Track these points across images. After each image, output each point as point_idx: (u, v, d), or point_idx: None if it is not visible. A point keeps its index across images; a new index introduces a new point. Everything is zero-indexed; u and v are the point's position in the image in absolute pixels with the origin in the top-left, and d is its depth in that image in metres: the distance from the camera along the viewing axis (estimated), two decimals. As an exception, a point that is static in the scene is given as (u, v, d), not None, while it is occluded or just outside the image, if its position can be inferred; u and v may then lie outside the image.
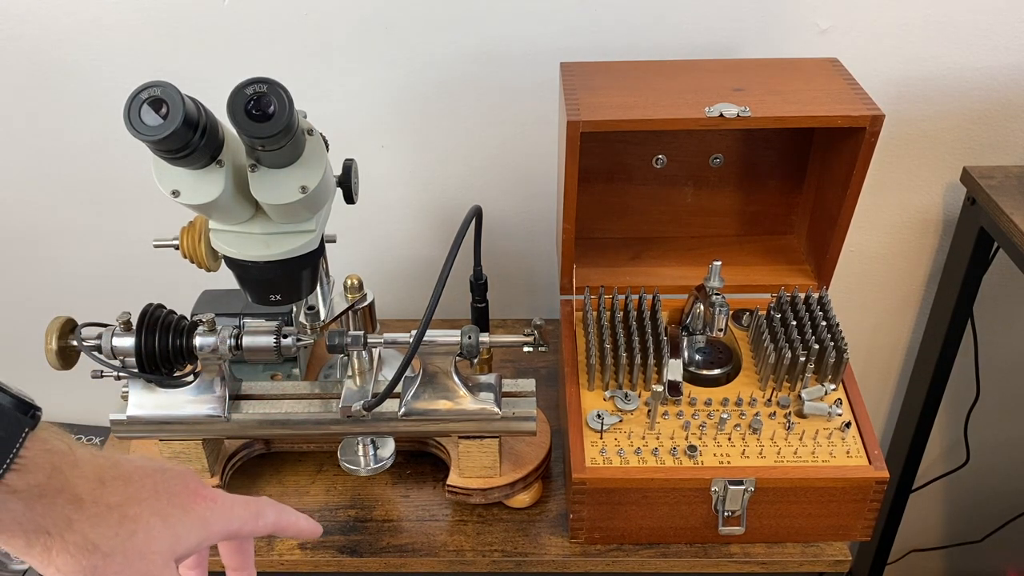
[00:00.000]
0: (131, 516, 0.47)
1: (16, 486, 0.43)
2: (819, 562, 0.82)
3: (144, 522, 0.48)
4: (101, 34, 1.00)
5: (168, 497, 0.50)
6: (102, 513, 0.46)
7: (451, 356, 0.80)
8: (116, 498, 0.47)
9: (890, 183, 1.12)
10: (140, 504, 0.48)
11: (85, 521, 0.46)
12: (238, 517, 0.53)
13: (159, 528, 0.48)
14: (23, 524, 0.44)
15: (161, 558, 0.48)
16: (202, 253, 0.78)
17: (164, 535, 0.48)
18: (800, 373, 0.84)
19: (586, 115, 0.82)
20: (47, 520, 0.45)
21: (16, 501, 0.44)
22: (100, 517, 0.46)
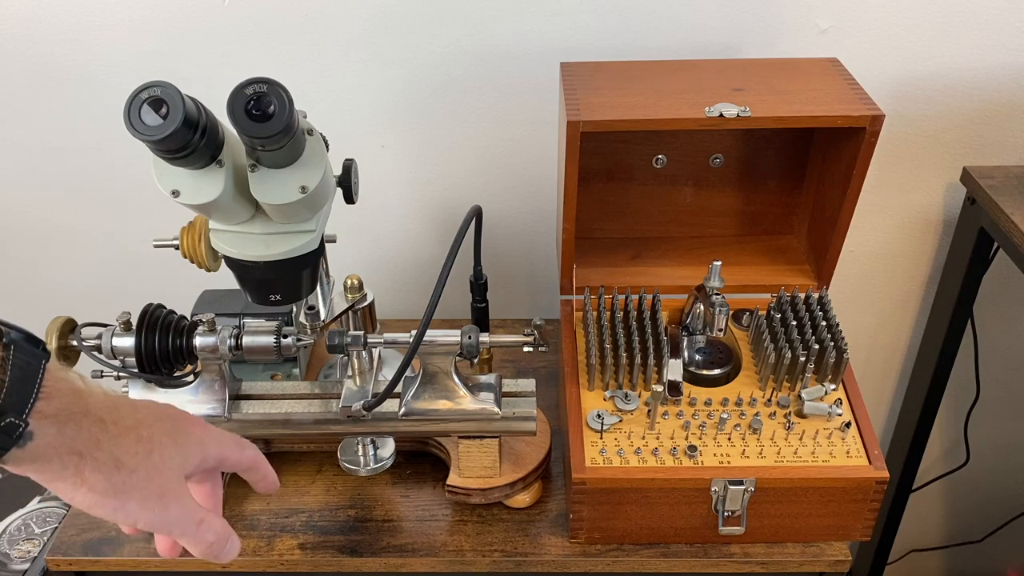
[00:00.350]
0: (145, 437, 0.52)
1: (46, 412, 0.47)
2: (819, 562, 0.82)
3: (157, 442, 0.53)
4: (101, 34, 1.00)
5: (171, 422, 0.55)
6: (122, 433, 0.51)
7: (451, 356, 0.80)
8: (130, 421, 0.52)
9: (890, 183, 1.12)
10: (150, 427, 0.53)
11: (110, 440, 0.50)
12: (227, 443, 0.59)
13: (170, 447, 0.53)
14: (57, 447, 0.48)
15: (174, 474, 0.54)
16: (202, 253, 0.78)
17: (175, 453, 0.54)
18: (800, 373, 0.84)
19: (586, 115, 0.81)
20: (78, 441, 0.48)
21: (49, 426, 0.47)
22: (121, 437, 0.51)
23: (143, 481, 0.51)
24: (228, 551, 0.57)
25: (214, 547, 0.56)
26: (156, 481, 0.52)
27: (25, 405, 0.46)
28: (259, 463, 0.62)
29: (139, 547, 0.85)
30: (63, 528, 0.87)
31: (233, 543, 0.57)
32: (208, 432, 0.58)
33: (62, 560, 0.84)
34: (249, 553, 0.84)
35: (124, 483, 0.50)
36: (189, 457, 0.55)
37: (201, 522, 0.55)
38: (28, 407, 0.46)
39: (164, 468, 0.53)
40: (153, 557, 0.84)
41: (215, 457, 0.58)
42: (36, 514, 1.10)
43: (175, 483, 0.54)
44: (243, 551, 0.84)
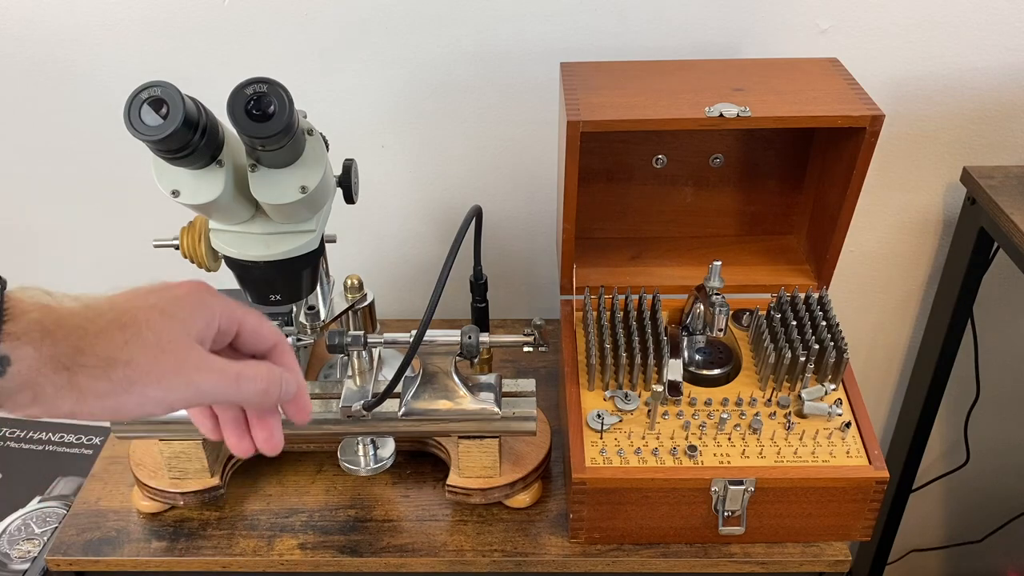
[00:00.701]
0: (128, 322, 0.47)
1: (16, 332, 0.43)
2: (819, 562, 0.82)
3: (143, 320, 0.47)
4: (101, 34, 1.00)
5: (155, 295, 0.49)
6: (102, 330, 0.46)
7: (451, 356, 0.80)
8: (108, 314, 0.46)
9: (890, 183, 1.12)
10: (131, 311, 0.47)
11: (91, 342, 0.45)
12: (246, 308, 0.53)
13: (158, 320, 0.47)
14: (40, 367, 0.44)
15: (181, 343, 0.48)
16: (202, 253, 0.78)
17: (169, 324, 0.48)
18: (800, 373, 0.84)
19: (586, 115, 0.82)
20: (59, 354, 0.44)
21: (24, 346, 0.43)
22: (102, 334, 0.46)
23: (148, 365, 0.46)
24: (287, 390, 0.52)
25: (270, 392, 0.51)
26: (161, 360, 0.47)
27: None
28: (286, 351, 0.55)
29: (139, 547, 0.85)
30: (63, 528, 0.87)
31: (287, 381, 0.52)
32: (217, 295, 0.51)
33: (62, 560, 0.84)
34: (249, 553, 0.84)
35: (127, 377, 0.46)
36: (189, 320, 0.49)
37: (239, 376, 0.50)
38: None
39: (164, 342, 0.47)
40: (153, 557, 0.84)
41: (226, 317, 0.52)
42: (36, 514, 1.10)
43: (186, 351, 0.48)
44: (243, 551, 0.84)
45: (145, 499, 0.87)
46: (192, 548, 0.84)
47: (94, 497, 0.90)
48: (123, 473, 0.92)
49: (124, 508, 0.89)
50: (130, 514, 0.88)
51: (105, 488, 0.91)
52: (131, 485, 0.89)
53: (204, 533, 0.86)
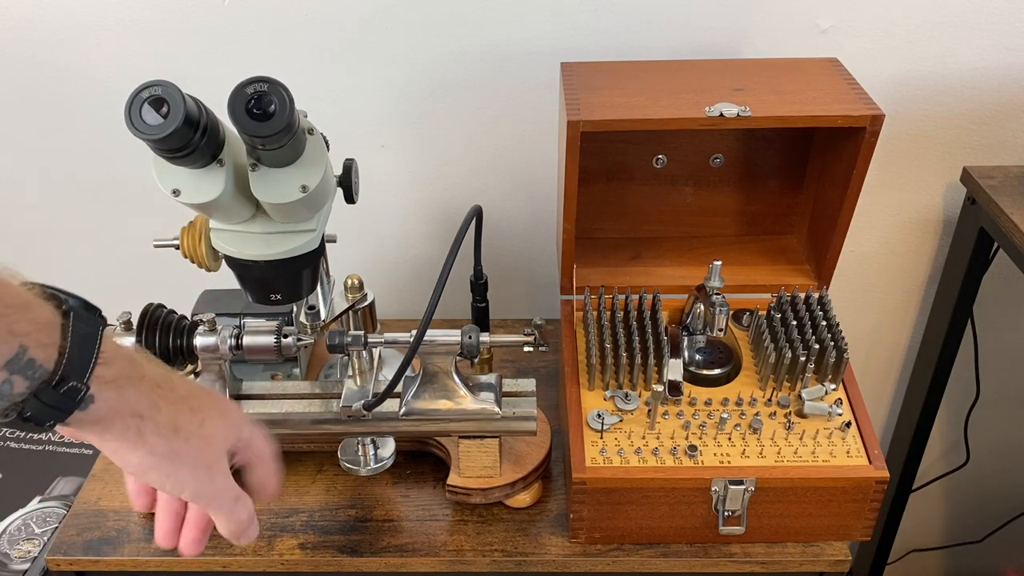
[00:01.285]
0: (197, 407, 0.55)
1: (106, 376, 0.48)
2: (819, 562, 0.82)
3: (208, 414, 0.55)
4: (101, 34, 1.00)
5: (216, 399, 0.58)
6: (178, 401, 0.53)
7: (451, 356, 0.80)
8: (182, 391, 0.54)
9: (890, 183, 1.12)
10: (200, 399, 0.55)
11: (168, 405, 0.52)
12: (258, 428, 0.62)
13: (218, 421, 0.56)
14: (119, 410, 0.50)
15: (221, 447, 0.56)
16: (202, 253, 0.78)
17: (221, 427, 0.56)
18: (800, 373, 0.84)
19: (586, 115, 0.82)
20: (138, 404, 0.51)
21: (109, 390, 0.49)
22: (177, 404, 0.53)
23: (196, 449, 0.54)
24: (251, 533, 0.60)
25: (244, 525, 0.59)
26: (207, 452, 0.55)
27: (86, 370, 0.47)
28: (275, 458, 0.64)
29: (139, 547, 0.85)
30: (63, 528, 0.87)
31: (255, 526, 0.60)
32: (244, 414, 0.61)
33: (62, 560, 0.84)
34: (249, 553, 0.84)
35: (180, 449, 0.53)
36: (231, 433, 0.58)
37: (238, 498, 0.58)
38: (88, 372, 0.47)
39: (213, 440, 0.55)
40: (153, 557, 0.84)
41: (247, 439, 0.61)
42: (36, 514, 1.10)
43: (221, 456, 0.56)
44: (243, 551, 0.84)
45: (145, 499, 0.87)
46: (192, 548, 0.84)
47: (94, 497, 0.90)
48: (123, 473, 0.92)
49: (124, 508, 0.88)
50: (130, 514, 0.88)
51: (105, 488, 0.91)
52: (131, 485, 0.89)
53: (204, 533, 0.86)
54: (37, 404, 0.46)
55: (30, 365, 0.45)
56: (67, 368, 0.46)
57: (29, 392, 0.46)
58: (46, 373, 0.46)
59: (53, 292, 0.50)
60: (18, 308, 0.46)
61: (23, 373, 0.45)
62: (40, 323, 0.46)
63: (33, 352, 0.45)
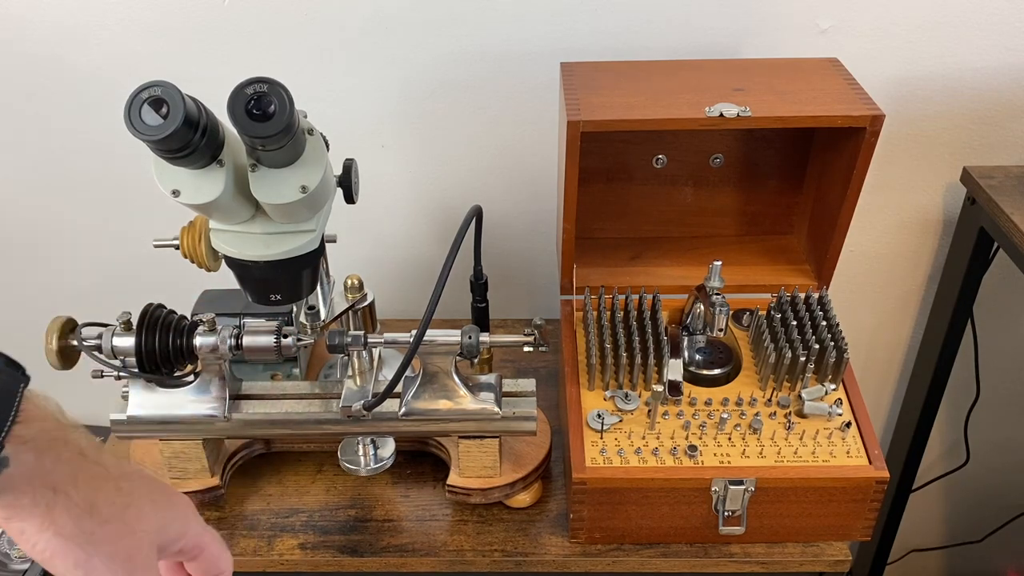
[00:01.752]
0: (126, 490, 0.48)
1: (24, 436, 0.43)
2: (819, 562, 0.82)
3: (137, 498, 0.48)
4: (101, 34, 1.00)
5: (155, 487, 0.51)
6: (102, 477, 0.47)
7: (451, 356, 0.80)
8: (113, 469, 0.48)
9: (890, 183, 1.12)
10: (132, 482, 0.49)
11: (87, 480, 0.46)
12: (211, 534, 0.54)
13: (149, 510, 0.49)
14: (32, 480, 0.44)
15: (147, 539, 0.49)
16: (202, 253, 0.78)
17: (153, 517, 0.49)
18: (800, 373, 0.84)
19: (586, 115, 0.82)
20: (55, 473, 0.45)
21: (27, 452, 0.43)
22: (100, 480, 0.47)
23: (114, 535, 0.47)
24: None
25: None
26: (127, 540, 0.47)
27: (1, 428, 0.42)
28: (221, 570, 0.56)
29: (139, 547, 0.84)
30: (63, 528, 0.87)
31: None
32: (194, 514, 0.53)
33: (62, 560, 0.84)
34: (249, 553, 0.84)
35: (94, 533, 0.46)
36: (167, 527, 0.50)
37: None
38: (5, 430, 0.42)
39: (138, 529, 0.48)
40: (153, 557, 0.84)
41: (194, 539, 0.53)
42: (36, 514, 1.10)
43: (146, 550, 0.49)
44: (243, 551, 0.84)
45: (145, 499, 0.87)
46: (192, 548, 0.84)
47: (94, 497, 0.90)
48: (123, 473, 0.92)
49: (124, 508, 0.88)
50: (130, 514, 0.88)
51: (105, 488, 0.91)
52: (131, 485, 0.89)
53: (204, 533, 0.86)
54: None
55: None
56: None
57: None
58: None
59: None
60: None
61: None
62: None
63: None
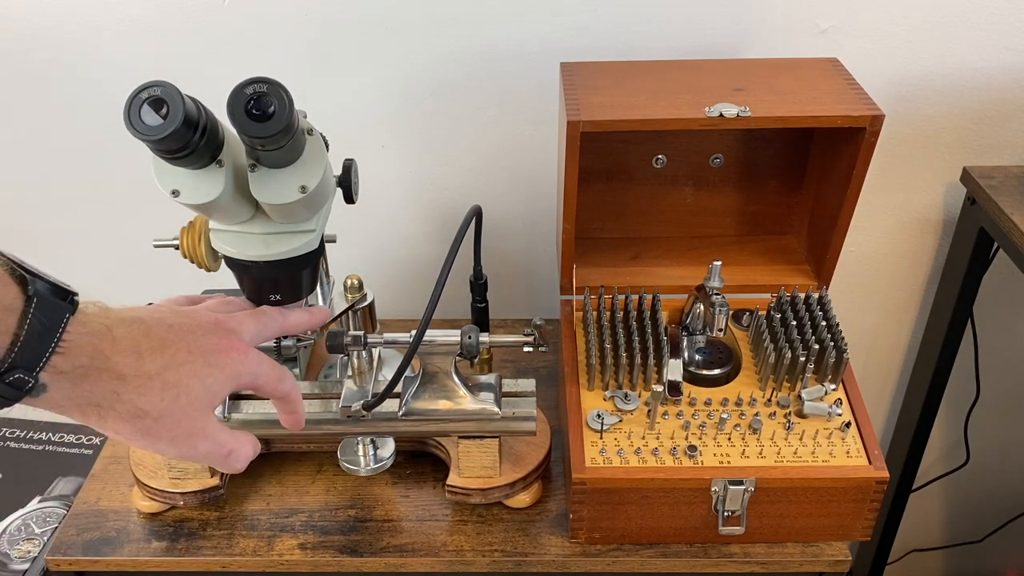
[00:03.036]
0: (171, 382, 0.52)
1: (62, 367, 0.47)
2: (819, 562, 0.82)
3: (184, 385, 0.53)
4: (101, 34, 1.00)
5: (203, 357, 0.55)
6: (144, 383, 0.51)
7: (451, 356, 0.80)
8: (155, 367, 0.51)
9: (890, 183, 1.12)
10: (178, 369, 0.53)
11: (131, 392, 0.50)
12: (264, 373, 0.59)
13: (197, 388, 0.53)
14: (74, 399, 0.48)
15: (202, 413, 0.54)
16: (202, 253, 0.78)
17: (202, 394, 0.54)
18: (800, 373, 0.84)
19: (586, 115, 0.81)
20: (96, 395, 0.49)
21: (64, 381, 0.47)
22: (144, 387, 0.51)
23: (170, 425, 0.52)
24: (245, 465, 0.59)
25: (239, 470, 0.59)
26: (183, 424, 0.53)
27: (38, 361, 0.46)
28: (292, 397, 0.63)
29: (139, 547, 0.85)
30: (63, 528, 0.87)
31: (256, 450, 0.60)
32: (246, 361, 0.58)
33: (62, 560, 0.84)
34: (249, 553, 0.84)
35: (150, 428, 0.52)
36: (218, 392, 0.55)
37: (229, 454, 0.57)
38: (41, 363, 0.46)
39: (191, 409, 0.53)
40: (153, 557, 0.84)
41: (248, 385, 0.59)
42: (36, 514, 1.10)
43: (202, 421, 0.54)
44: (243, 551, 0.84)
45: (145, 499, 0.87)
46: (192, 548, 0.84)
47: (94, 497, 0.90)
48: (123, 473, 0.92)
49: (124, 508, 0.89)
50: (130, 514, 0.88)
51: (105, 488, 0.91)
52: (131, 485, 0.89)
53: (204, 533, 0.86)
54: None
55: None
56: (17, 357, 0.45)
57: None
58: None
59: (22, 274, 0.47)
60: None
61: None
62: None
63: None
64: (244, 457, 0.59)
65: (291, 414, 0.65)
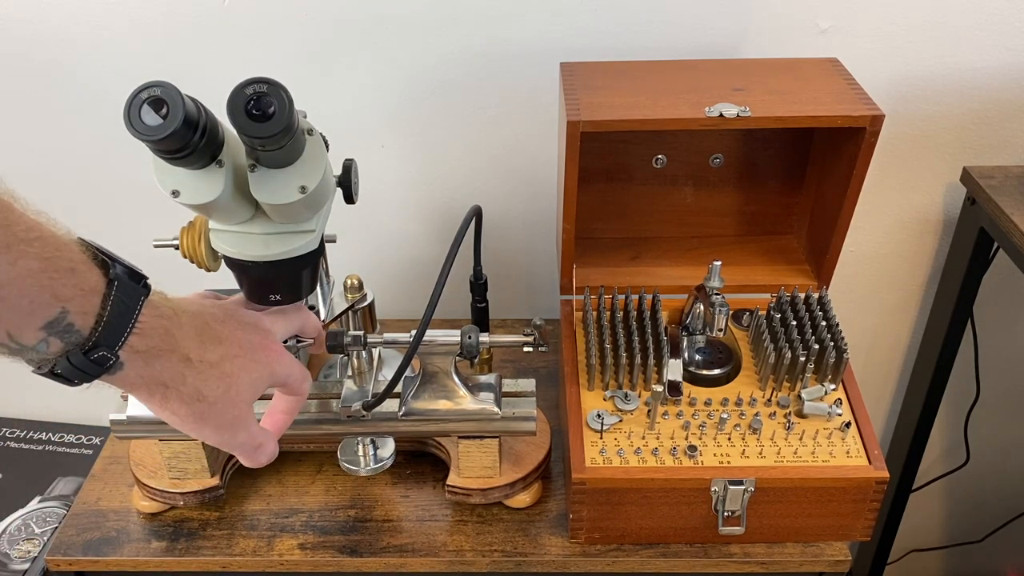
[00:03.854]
0: (227, 373, 0.58)
1: (138, 347, 0.51)
2: (819, 562, 0.82)
3: (236, 377, 0.58)
4: (101, 34, 1.00)
5: (250, 353, 0.60)
6: (206, 370, 0.56)
7: (451, 356, 0.80)
8: (215, 357, 0.57)
9: (890, 183, 1.12)
10: (232, 361, 0.58)
11: (195, 375, 0.55)
12: (294, 373, 0.65)
13: (245, 381, 0.59)
14: (145, 378, 0.53)
15: (246, 404, 0.60)
16: (202, 253, 0.78)
17: (248, 387, 0.60)
18: (800, 373, 0.84)
19: (586, 115, 0.82)
20: (164, 374, 0.54)
21: (138, 359, 0.51)
22: (205, 373, 0.56)
23: (220, 411, 0.58)
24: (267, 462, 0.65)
25: (262, 464, 0.65)
26: (231, 412, 0.58)
27: (119, 340, 0.49)
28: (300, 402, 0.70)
29: (139, 547, 0.85)
30: (63, 528, 0.87)
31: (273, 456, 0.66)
32: (281, 362, 0.64)
33: (62, 560, 0.84)
34: (249, 553, 0.84)
35: (204, 412, 0.57)
36: (259, 388, 0.61)
37: (259, 447, 0.63)
38: (121, 341, 0.49)
39: (238, 401, 0.59)
40: (153, 557, 0.84)
41: (278, 383, 0.65)
42: (36, 514, 1.10)
43: (245, 412, 0.60)
44: (243, 551, 0.84)
45: (145, 499, 0.87)
46: (192, 548, 0.84)
47: (94, 497, 0.90)
48: (123, 473, 0.92)
49: (124, 508, 0.89)
50: (130, 514, 0.88)
51: (105, 488, 0.91)
52: (131, 485, 0.89)
53: (204, 533, 0.86)
54: (67, 365, 0.49)
55: (68, 329, 0.47)
56: (101, 336, 0.48)
57: (63, 353, 0.48)
58: (81, 338, 0.48)
59: (104, 258, 0.51)
60: (66, 272, 0.47)
61: (60, 336, 0.47)
62: (84, 289, 0.48)
63: (72, 317, 0.47)
64: (270, 453, 0.64)
65: (287, 414, 0.70)
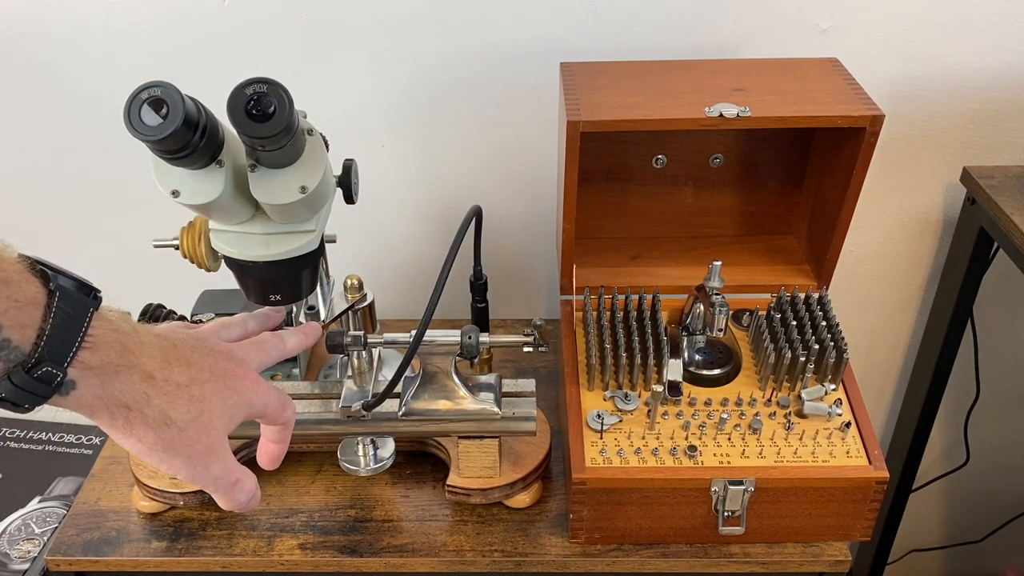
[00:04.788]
0: (196, 396, 0.53)
1: (90, 363, 0.46)
2: (819, 562, 0.82)
3: (208, 402, 0.53)
4: (101, 34, 1.00)
5: (224, 380, 0.55)
6: (173, 391, 0.51)
7: (451, 356, 0.80)
8: (182, 378, 0.52)
9: (890, 183, 1.12)
10: (203, 385, 0.53)
11: (160, 396, 0.50)
12: (271, 403, 0.60)
13: (219, 408, 0.54)
14: (104, 399, 0.48)
15: (220, 433, 0.55)
16: (202, 253, 0.78)
17: (222, 414, 0.54)
18: (800, 373, 0.84)
19: (586, 115, 0.82)
20: (126, 395, 0.49)
21: (93, 377, 0.47)
22: (172, 394, 0.51)
23: (191, 440, 0.52)
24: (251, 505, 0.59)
25: (243, 505, 0.59)
26: (203, 441, 0.53)
27: (66, 355, 0.45)
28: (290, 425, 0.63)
29: (139, 547, 0.85)
30: (63, 528, 0.87)
31: (256, 498, 0.60)
32: (257, 391, 0.58)
33: (62, 560, 0.84)
34: (249, 553, 0.84)
35: (173, 440, 0.51)
36: (235, 417, 0.56)
37: (236, 483, 0.57)
38: (69, 357, 0.45)
39: (211, 429, 0.54)
40: (153, 557, 0.84)
41: (257, 415, 0.60)
42: (36, 514, 1.10)
43: (219, 442, 0.55)
44: (243, 551, 0.84)
45: (145, 499, 0.87)
46: (192, 548, 0.84)
47: (94, 497, 0.90)
48: (123, 473, 0.92)
49: (124, 508, 0.89)
50: (130, 514, 0.88)
51: (105, 488, 0.91)
52: (131, 485, 0.89)
53: (204, 533, 0.86)
54: (10, 386, 0.44)
55: (4, 345, 0.43)
56: (44, 351, 0.44)
57: (4, 374, 0.44)
58: (21, 355, 0.44)
59: (43, 268, 0.47)
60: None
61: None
62: (21, 301, 0.44)
63: (8, 332, 0.43)
64: (248, 491, 0.58)
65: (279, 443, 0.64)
